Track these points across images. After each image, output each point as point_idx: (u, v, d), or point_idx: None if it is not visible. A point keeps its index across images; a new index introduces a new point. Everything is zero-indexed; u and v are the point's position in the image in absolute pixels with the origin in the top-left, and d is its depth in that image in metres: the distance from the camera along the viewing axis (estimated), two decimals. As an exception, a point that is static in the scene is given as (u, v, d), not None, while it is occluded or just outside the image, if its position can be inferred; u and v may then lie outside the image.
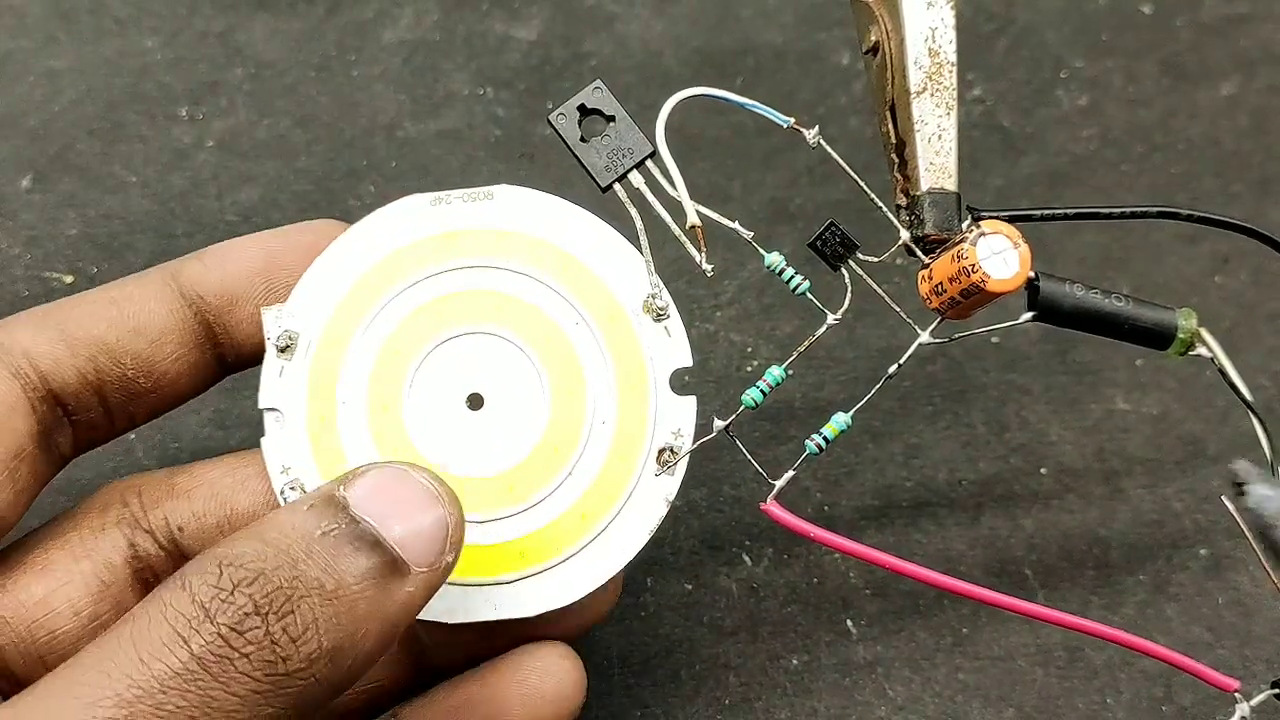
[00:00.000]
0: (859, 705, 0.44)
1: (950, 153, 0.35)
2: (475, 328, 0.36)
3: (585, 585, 0.35)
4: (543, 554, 0.35)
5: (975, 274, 0.32)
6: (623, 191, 0.35)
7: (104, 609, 0.35)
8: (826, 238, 0.35)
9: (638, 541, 0.35)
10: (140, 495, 0.37)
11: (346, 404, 0.35)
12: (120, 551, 0.36)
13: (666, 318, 0.36)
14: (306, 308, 0.36)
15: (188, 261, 0.37)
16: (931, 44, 0.36)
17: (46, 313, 0.36)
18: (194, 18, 0.55)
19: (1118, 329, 0.35)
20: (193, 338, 0.36)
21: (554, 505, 0.35)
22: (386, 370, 0.35)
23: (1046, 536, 0.47)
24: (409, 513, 0.30)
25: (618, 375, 0.35)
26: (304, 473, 0.35)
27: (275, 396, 0.35)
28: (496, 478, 0.35)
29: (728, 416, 0.35)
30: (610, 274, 0.36)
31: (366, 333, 0.35)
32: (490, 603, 0.34)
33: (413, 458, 0.35)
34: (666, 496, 0.35)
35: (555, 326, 0.36)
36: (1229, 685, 0.35)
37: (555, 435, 0.35)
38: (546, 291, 0.36)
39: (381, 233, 0.36)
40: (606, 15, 0.56)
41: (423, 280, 0.36)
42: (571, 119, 0.35)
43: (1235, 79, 0.56)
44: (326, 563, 0.28)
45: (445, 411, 0.35)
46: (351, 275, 0.36)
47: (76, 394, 0.35)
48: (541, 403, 0.35)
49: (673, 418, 0.35)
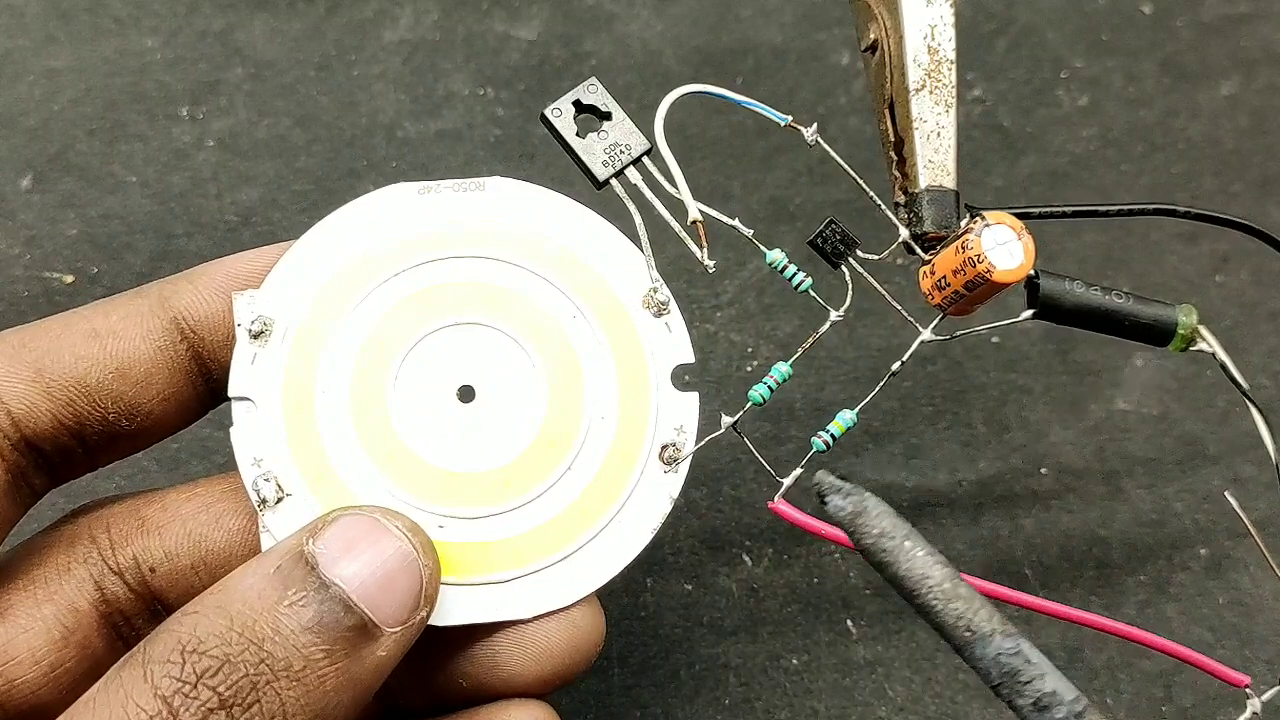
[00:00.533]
0: (859, 705, 0.44)
1: (949, 150, 0.35)
2: (466, 318, 0.34)
3: (586, 585, 0.34)
4: (540, 552, 0.33)
5: (981, 264, 0.32)
6: (620, 187, 0.35)
7: (67, 656, 0.33)
8: (826, 235, 0.35)
9: (640, 540, 0.34)
10: (109, 530, 0.34)
11: (326, 393, 0.33)
12: (87, 595, 0.33)
13: (667, 313, 0.35)
14: (282, 293, 0.34)
15: (179, 285, 0.34)
16: (930, 41, 0.36)
17: (21, 344, 0.33)
18: (194, 17, 0.55)
19: (1118, 325, 0.35)
20: (183, 374, 0.34)
21: (552, 502, 0.34)
22: (370, 360, 0.34)
23: (1046, 536, 0.47)
24: (382, 570, 0.29)
25: (618, 370, 0.35)
26: (277, 465, 0.33)
27: (247, 385, 0.33)
28: (491, 472, 0.34)
29: (730, 416, 0.35)
30: (607, 268, 0.35)
31: (349, 321, 0.34)
32: (484, 604, 0.33)
33: (397, 449, 0.33)
34: (670, 494, 0.34)
35: (552, 319, 0.35)
36: (1240, 680, 0.35)
37: (553, 430, 0.34)
38: (542, 284, 0.35)
39: (365, 221, 0.35)
40: (606, 15, 0.56)
41: (410, 269, 0.34)
42: (567, 115, 0.35)
43: (1235, 79, 0.56)
44: (294, 640, 0.27)
45: (434, 403, 0.34)
46: (333, 262, 0.34)
47: (53, 439, 0.33)
48: (538, 397, 0.34)
49: (675, 414, 0.35)
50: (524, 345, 0.34)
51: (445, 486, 0.33)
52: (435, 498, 0.33)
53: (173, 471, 0.47)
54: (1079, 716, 0.27)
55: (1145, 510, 0.48)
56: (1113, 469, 0.48)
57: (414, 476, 0.33)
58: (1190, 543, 0.47)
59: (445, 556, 0.33)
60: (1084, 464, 0.49)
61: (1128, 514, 0.48)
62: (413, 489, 0.33)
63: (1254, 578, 0.47)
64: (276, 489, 0.33)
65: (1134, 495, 0.48)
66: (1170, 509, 0.48)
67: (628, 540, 0.34)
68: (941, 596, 0.29)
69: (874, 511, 0.31)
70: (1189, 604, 0.46)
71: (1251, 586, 0.46)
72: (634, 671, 0.44)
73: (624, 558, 0.34)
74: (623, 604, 0.45)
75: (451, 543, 0.33)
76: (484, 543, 0.33)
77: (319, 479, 0.33)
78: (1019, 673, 0.28)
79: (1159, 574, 0.47)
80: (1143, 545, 0.47)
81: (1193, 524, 0.48)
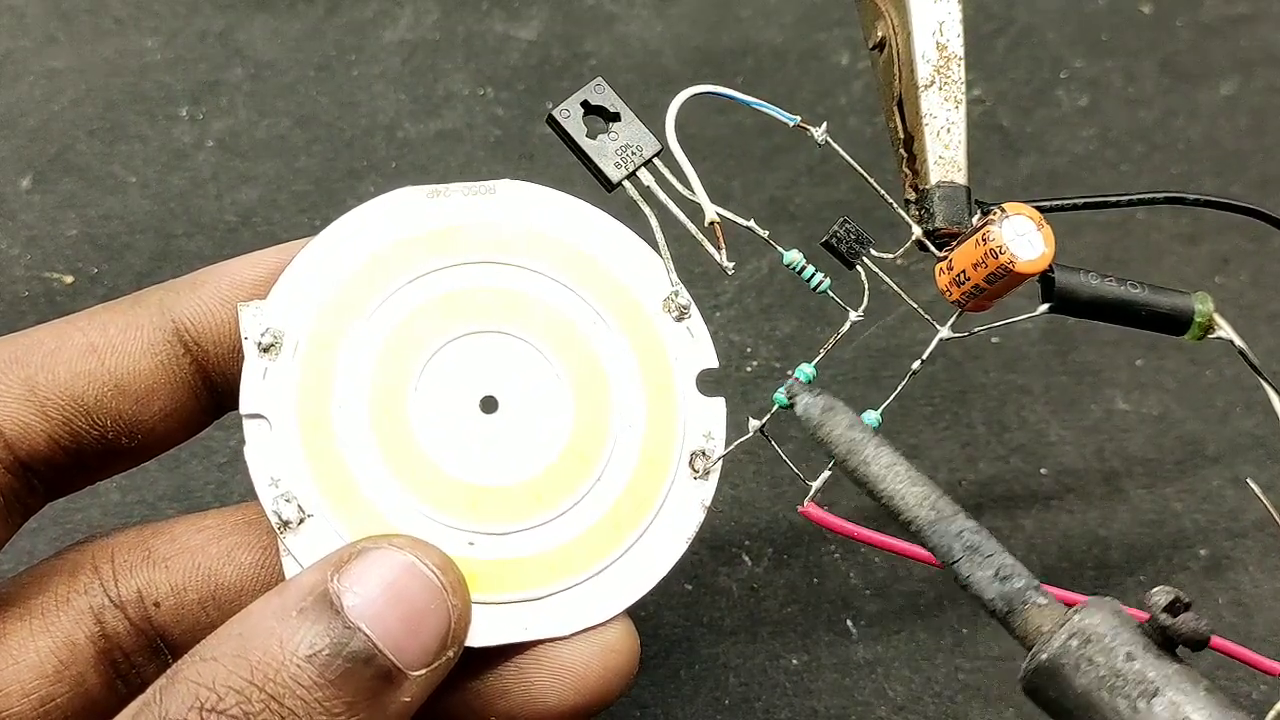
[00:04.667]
0: (859, 705, 0.44)
1: (959, 146, 0.35)
2: (484, 326, 0.33)
3: (624, 599, 0.32)
4: (574, 567, 0.32)
5: (1003, 255, 0.32)
6: (633, 189, 0.34)
7: (60, 691, 0.31)
8: (841, 235, 0.34)
9: (675, 550, 0.33)
10: (113, 559, 0.32)
11: (344, 407, 0.32)
12: (85, 629, 0.32)
13: (689, 317, 0.34)
14: (290, 304, 0.32)
15: (180, 293, 0.32)
16: (939, 37, 0.36)
17: (13, 359, 0.31)
18: (194, 18, 0.55)
19: (1135, 316, 0.35)
20: (186, 388, 0.32)
21: (583, 515, 0.32)
22: (388, 371, 0.32)
23: (1046, 536, 0.47)
24: (410, 613, 0.27)
25: (643, 377, 0.33)
26: (296, 484, 0.31)
27: (260, 401, 0.31)
28: (520, 485, 0.32)
29: (730, 417, 0.34)
30: (625, 271, 0.34)
31: (364, 331, 0.32)
32: (519, 622, 0.31)
33: (422, 463, 0.32)
34: (703, 501, 0.33)
35: (572, 325, 0.33)
36: (1275, 669, 0.35)
37: (580, 441, 0.33)
38: (559, 289, 0.33)
39: (373, 226, 0.33)
40: (606, 15, 0.56)
41: (423, 276, 0.33)
42: (576, 116, 0.34)
43: (1235, 79, 0.56)
44: (317, 695, 0.26)
45: (456, 415, 0.32)
46: (342, 270, 0.33)
47: (48, 459, 0.31)
48: (563, 406, 0.33)
49: (702, 420, 0.34)
50: (545, 353, 0.33)
51: (473, 502, 0.32)
52: (464, 514, 0.32)
53: (173, 471, 0.47)
54: (1036, 588, 0.28)
55: (1145, 510, 0.48)
56: (1112, 469, 0.48)
57: (441, 492, 0.32)
58: (1190, 543, 0.47)
59: (475, 574, 0.31)
60: (1084, 464, 0.49)
61: (1127, 514, 0.48)
62: (441, 505, 0.32)
63: (1253, 578, 0.47)
64: (298, 510, 0.31)
65: (1134, 495, 0.48)
66: (1170, 509, 0.48)
67: (662, 551, 0.33)
68: (907, 480, 0.30)
69: (842, 409, 0.31)
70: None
71: (1251, 586, 0.46)
72: (634, 671, 0.44)
73: (660, 569, 0.33)
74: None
75: (481, 560, 0.32)
76: (515, 559, 0.32)
77: (342, 498, 0.31)
78: (981, 547, 0.29)
79: (1158, 574, 0.47)
80: (1142, 545, 0.47)
81: (1192, 524, 0.48)
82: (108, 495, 0.47)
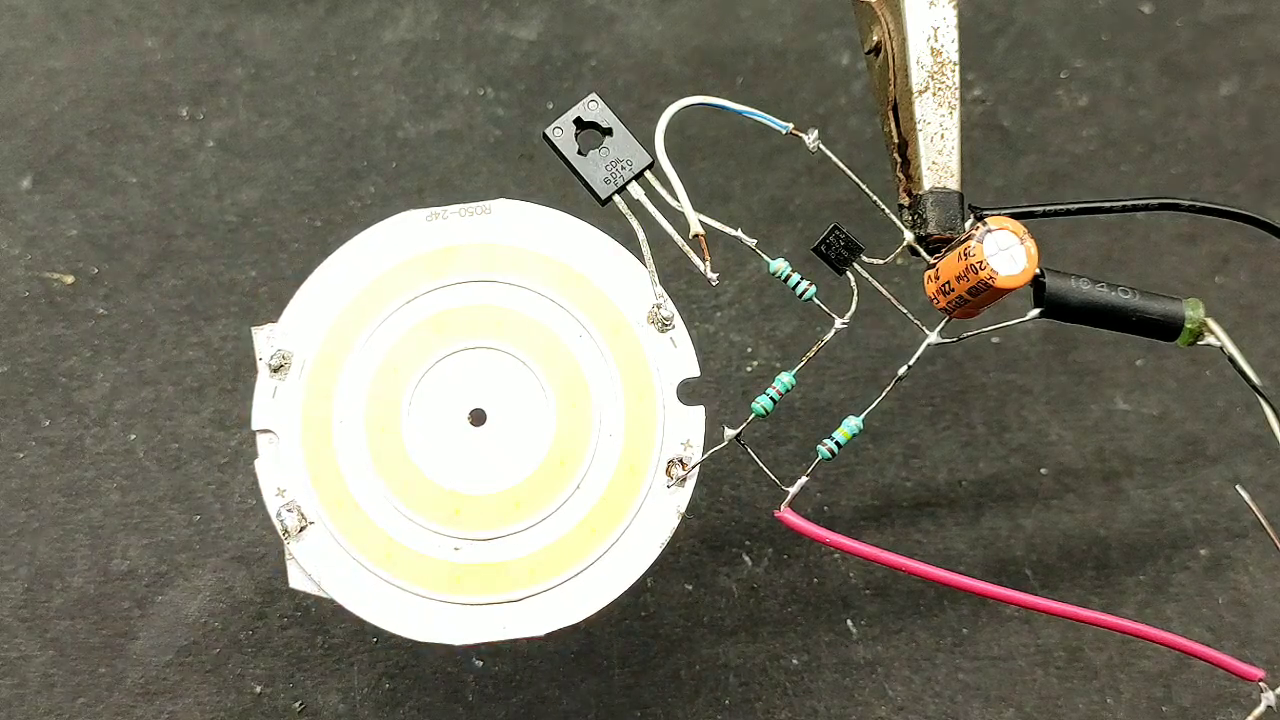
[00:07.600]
0: (859, 705, 0.44)
1: (953, 152, 0.35)
2: (475, 342, 0.35)
3: (597, 601, 0.34)
4: (552, 570, 0.34)
5: (983, 271, 0.32)
6: (623, 203, 0.35)
7: None
8: (831, 242, 0.34)
9: (649, 555, 0.34)
10: None
11: (344, 423, 0.34)
12: None
13: (671, 328, 0.36)
14: (299, 326, 0.35)
15: None
16: (934, 43, 0.36)
17: None
18: (194, 18, 0.55)
19: (1126, 321, 0.35)
20: None
21: (562, 520, 0.34)
22: (384, 388, 0.35)
23: (1046, 536, 0.47)
24: None
25: (624, 387, 0.35)
26: (300, 494, 0.34)
27: (269, 418, 0.34)
28: (502, 494, 0.34)
29: (729, 417, 0.35)
30: (612, 286, 0.36)
31: (363, 350, 0.35)
32: (498, 622, 0.34)
33: (412, 475, 0.34)
34: (678, 508, 0.35)
35: (557, 340, 0.35)
36: (1254, 675, 0.35)
37: (561, 450, 0.35)
38: (548, 305, 0.35)
39: (376, 249, 0.36)
40: (606, 15, 0.56)
41: (420, 296, 0.35)
42: (568, 133, 0.35)
43: (1235, 79, 0.56)
44: None
45: (447, 428, 0.35)
46: (346, 293, 0.35)
47: None
48: (546, 417, 0.35)
49: (681, 429, 0.35)
50: (532, 367, 0.35)
51: (459, 509, 0.34)
52: (450, 521, 0.34)
53: (173, 472, 0.47)
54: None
55: (1145, 510, 0.48)
56: (1113, 469, 0.48)
57: (429, 501, 0.34)
58: (1190, 543, 0.47)
59: (459, 577, 0.34)
60: (1084, 464, 0.49)
61: (1127, 514, 0.48)
62: (429, 513, 0.34)
63: (1253, 578, 0.47)
64: (299, 518, 0.34)
65: (1133, 495, 0.48)
66: (1170, 509, 0.48)
67: (637, 555, 0.35)
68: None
69: None
70: (1188, 604, 0.46)
71: (1251, 586, 0.46)
72: (634, 671, 0.44)
73: (634, 572, 0.35)
74: (623, 604, 0.45)
75: (465, 564, 0.34)
76: (497, 563, 0.34)
77: (339, 507, 0.34)
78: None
79: (1158, 574, 0.47)
80: (1142, 545, 0.47)
81: (1192, 524, 0.48)
82: (108, 496, 0.47)
